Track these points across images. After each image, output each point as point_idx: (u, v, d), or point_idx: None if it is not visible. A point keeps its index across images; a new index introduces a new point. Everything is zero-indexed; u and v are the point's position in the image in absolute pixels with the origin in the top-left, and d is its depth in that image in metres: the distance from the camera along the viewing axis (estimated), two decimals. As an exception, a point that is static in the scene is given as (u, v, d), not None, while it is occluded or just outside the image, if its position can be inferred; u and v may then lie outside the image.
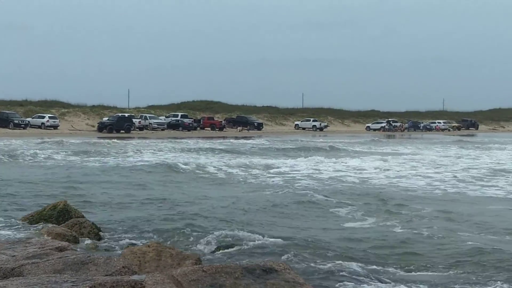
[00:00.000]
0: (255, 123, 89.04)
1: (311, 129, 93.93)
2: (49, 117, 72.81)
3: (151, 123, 77.57)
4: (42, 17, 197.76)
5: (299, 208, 15.32)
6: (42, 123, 70.99)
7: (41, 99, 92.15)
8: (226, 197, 17.10)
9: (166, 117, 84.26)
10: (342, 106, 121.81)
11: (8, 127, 65.47)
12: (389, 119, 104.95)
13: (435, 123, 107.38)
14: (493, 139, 66.56)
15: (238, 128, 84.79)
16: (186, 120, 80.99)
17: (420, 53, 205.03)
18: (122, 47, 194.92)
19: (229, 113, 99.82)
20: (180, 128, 78.45)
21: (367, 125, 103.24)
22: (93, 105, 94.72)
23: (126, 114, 78.58)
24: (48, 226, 10.91)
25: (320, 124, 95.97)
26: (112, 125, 70.29)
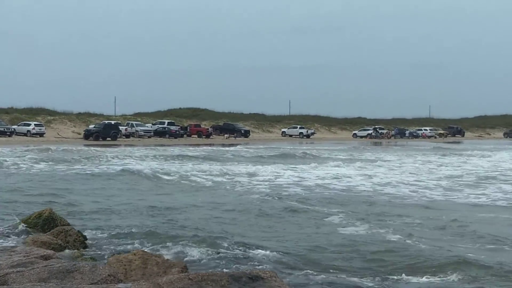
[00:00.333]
0: (242, 131, 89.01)
1: (298, 136, 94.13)
2: (35, 125, 72.49)
3: (138, 131, 77.37)
4: (29, 24, 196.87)
5: (287, 216, 15.28)
6: (28, 131, 70.68)
7: (27, 107, 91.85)
8: (213, 205, 17.06)
9: (153, 125, 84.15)
10: (329, 113, 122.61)
11: (-6, 135, 65.09)
12: (376, 126, 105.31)
13: (422, 130, 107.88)
14: (478, 146, 66.86)
15: (225, 136, 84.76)
16: (173, 128, 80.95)
17: (407, 60, 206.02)
18: (109, 54, 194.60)
19: (216, 121, 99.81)
20: (167, 136, 78.30)
21: (354, 132, 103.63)
22: (80, 113, 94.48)
23: (113, 122, 78.43)
24: (34, 235, 10.84)
25: (307, 131, 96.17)
26: (99, 133, 70.03)
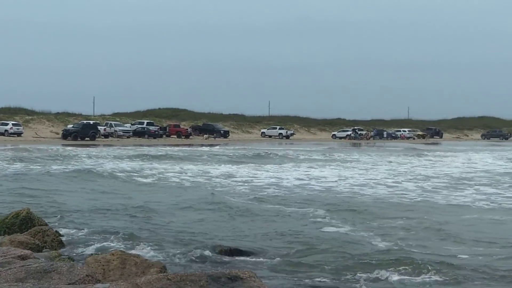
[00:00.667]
0: (222, 131, 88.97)
1: (278, 137, 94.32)
2: (13, 124, 72.01)
3: (117, 131, 77.03)
4: (4, 21, 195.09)
5: (266, 217, 15.24)
6: (6, 130, 70.14)
7: (5, 106, 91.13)
8: (192, 206, 17.01)
9: (132, 125, 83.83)
10: (309, 114, 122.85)
11: (-29, 134, 64.56)
12: (355, 127, 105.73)
13: (400, 132, 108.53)
14: (456, 148, 67.41)
15: (205, 136, 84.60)
16: (152, 128, 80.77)
17: (385, 62, 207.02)
18: (87, 53, 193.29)
19: (196, 121, 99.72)
20: (146, 136, 78.06)
21: (333, 133, 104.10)
22: (58, 112, 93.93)
23: (91, 121, 78.04)
24: (11, 235, 10.74)
25: (287, 132, 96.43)
26: (77, 133, 69.57)
